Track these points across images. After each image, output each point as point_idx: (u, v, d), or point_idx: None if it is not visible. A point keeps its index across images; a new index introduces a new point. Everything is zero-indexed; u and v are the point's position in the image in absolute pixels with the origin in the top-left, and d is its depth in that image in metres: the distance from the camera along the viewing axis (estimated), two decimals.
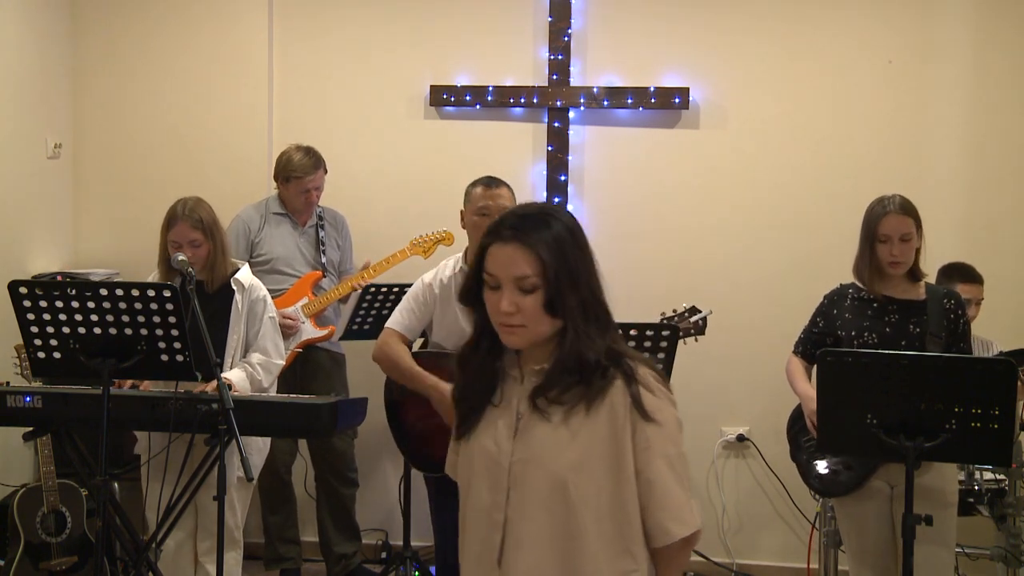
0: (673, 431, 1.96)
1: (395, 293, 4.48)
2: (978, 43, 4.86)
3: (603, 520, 1.92)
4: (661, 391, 1.97)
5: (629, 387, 1.93)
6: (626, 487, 1.92)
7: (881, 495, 3.35)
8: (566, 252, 1.93)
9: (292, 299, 4.55)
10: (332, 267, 4.74)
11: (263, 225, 4.66)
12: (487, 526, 1.98)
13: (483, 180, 3.58)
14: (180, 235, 3.61)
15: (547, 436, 1.94)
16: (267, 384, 3.70)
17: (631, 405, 1.92)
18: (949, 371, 2.89)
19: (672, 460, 1.94)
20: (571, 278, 1.93)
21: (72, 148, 5.28)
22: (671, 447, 1.95)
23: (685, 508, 1.95)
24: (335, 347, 4.73)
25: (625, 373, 1.95)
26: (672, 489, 1.94)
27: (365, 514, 4.98)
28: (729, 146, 5.03)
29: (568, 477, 1.92)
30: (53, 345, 3.22)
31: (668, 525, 1.94)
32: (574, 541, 1.92)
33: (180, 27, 5.23)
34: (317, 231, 4.73)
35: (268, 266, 4.62)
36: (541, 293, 1.92)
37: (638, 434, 1.92)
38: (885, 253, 3.36)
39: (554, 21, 5.02)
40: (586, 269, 1.96)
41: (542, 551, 1.93)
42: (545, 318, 1.93)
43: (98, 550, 3.25)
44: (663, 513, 1.94)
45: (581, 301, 1.94)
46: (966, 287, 4.21)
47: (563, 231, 1.95)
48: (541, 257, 1.91)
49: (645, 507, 1.94)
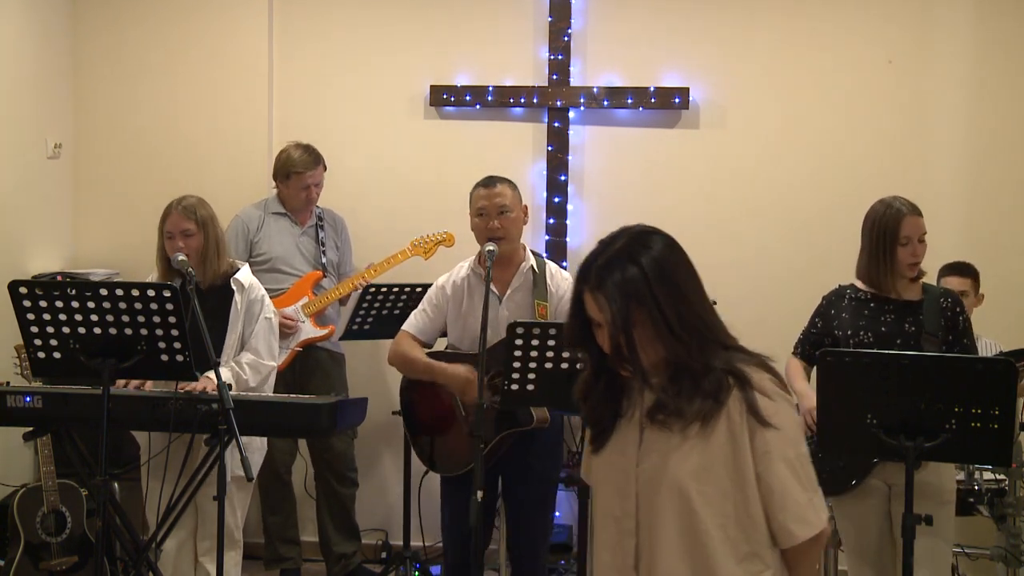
0: (792, 433, 2.01)
1: (395, 293, 4.48)
2: (978, 43, 4.86)
3: (728, 525, 1.98)
4: (778, 394, 2.02)
5: (744, 393, 1.98)
6: (749, 492, 1.98)
7: (879, 494, 3.35)
8: (638, 292, 1.97)
9: (293, 298, 4.56)
10: (332, 267, 4.74)
11: (262, 225, 4.67)
12: (619, 532, 2.06)
13: (482, 181, 3.59)
14: (174, 224, 3.63)
15: (668, 446, 2.00)
16: (254, 384, 3.67)
17: (747, 411, 1.98)
18: (949, 371, 2.89)
19: (792, 462, 1.99)
20: (650, 308, 1.97)
21: (72, 148, 5.28)
22: (790, 449, 1.99)
23: (808, 508, 1.99)
24: (335, 347, 4.73)
25: (739, 380, 1.99)
26: (792, 491, 1.98)
27: (365, 514, 4.97)
28: (729, 146, 5.02)
29: (690, 485, 1.98)
30: (53, 345, 3.22)
31: (791, 526, 1.98)
32: (702, 546, 1.98)
33: (180, 27, 5.23)
34: (317, 231, 4.73)
35: (267, 265, 4.62)
36: (622, 334, 1.97)
37: (756, 439, 1.98)
38: (907, 256, 3.35)
39: (554, 21, 5.02)
40: (671, 293, 1.99)
41: (675, 556, 1.99)
42: (650, 346, 1.98)
43: (98, 550, 3.25)
44: (784, 515, 1.98)
45: (667, 323, 1.97)
46: (955, 279, 4.24)
47: (636, 273, 1.98)
48: (609, 304, 1.97)
49: (768, 510, 1.99)
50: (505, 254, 3.53)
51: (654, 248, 2.03)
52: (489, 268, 3.43)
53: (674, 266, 2.04)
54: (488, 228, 3.50)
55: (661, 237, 2.08)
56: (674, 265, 2.04)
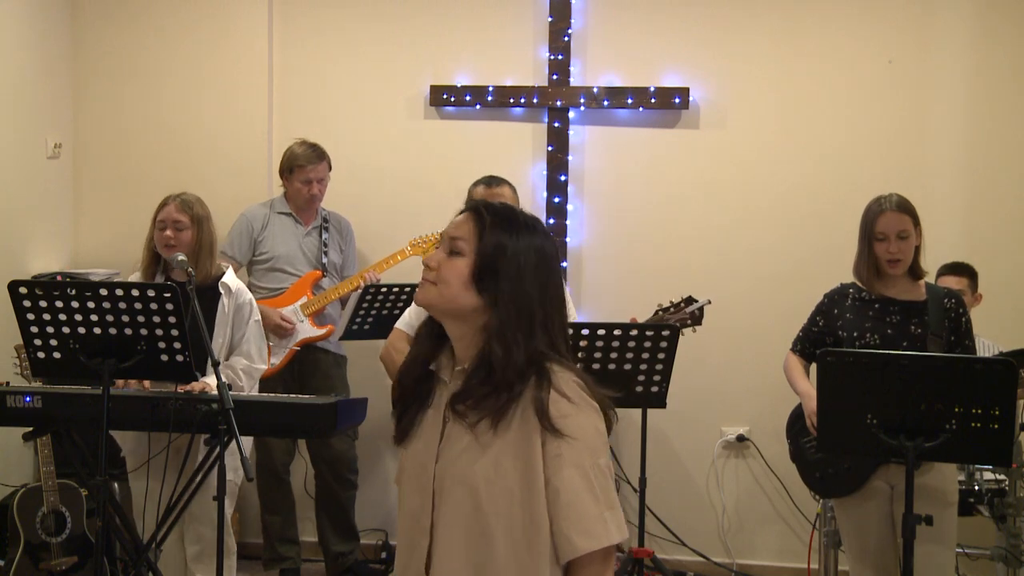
0: (591, 442, 1.86)
1: (395, 293, 4.48)
2: (978, 43, 4.86)
3: (514, 530, 1.84)
4: (581, 398, 1.87)
5: (539, 394, 1.85)
6: (537, 498, 1.83)
7: (881, 495, 3.35)
8: (518, 246, 1.89)
9: (291, 298, 4.56)
10: (333, 269, 4.75)
11: (267, 224, 4.68)
12: (416, 532, 1.93)
13: (484, 180, 3.58)
14: (167, 215, 3.66)
15: (464, 442, 1.88)
16: (248, 389, 3.71)
17: (535, 413, 1.84)
18: (949, 371, 2.89)
19: (586, 471, 1.84)
20: (510, 266, 1.88)
21: (72, 148, 5.28)
22: (586, 457, 1.84)
23: (595, 520, 1.83)
24: (337, 348, 4.73)
25: (539, 375, 1.86)
26: (581, 499, 1.83)
27: (365, 514, 4.98)
28: (729, 146, 5.02)
29: (480, 486, 1.85)
30: (53, 345, 3.22)
31: (572, 536, 1.82)
32: (488, 551, 1.85)
33: (180, 27, 5.23)
34: (320, 232, 4.73)
35: (269, 264, 4.63)
36: (469, 261, 1.89)
37: (548, 443, 1.84)
38: (882, 251, 3.36)
39: (554, 21, 5.02)
40: (536, 276, 1.89)
41: (460, 560, 1.87)
42: (464, 287, 1.89)
43: (98, 550, 3.25)
44: (567, 523, 1.83)
45: (513, 293, 1.87)
46: (952, 279, 4.26)
47: (534, 238, 1.91)
48: (483, 229, 1.89)
49: (552, 517, 1.83)
50: None
51: (546, 238, 1.95)
52: None
53: (554, 263, 1.94)
54: None
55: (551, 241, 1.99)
56: (554, 262, 1.94)
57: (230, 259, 4.58)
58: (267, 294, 4.62)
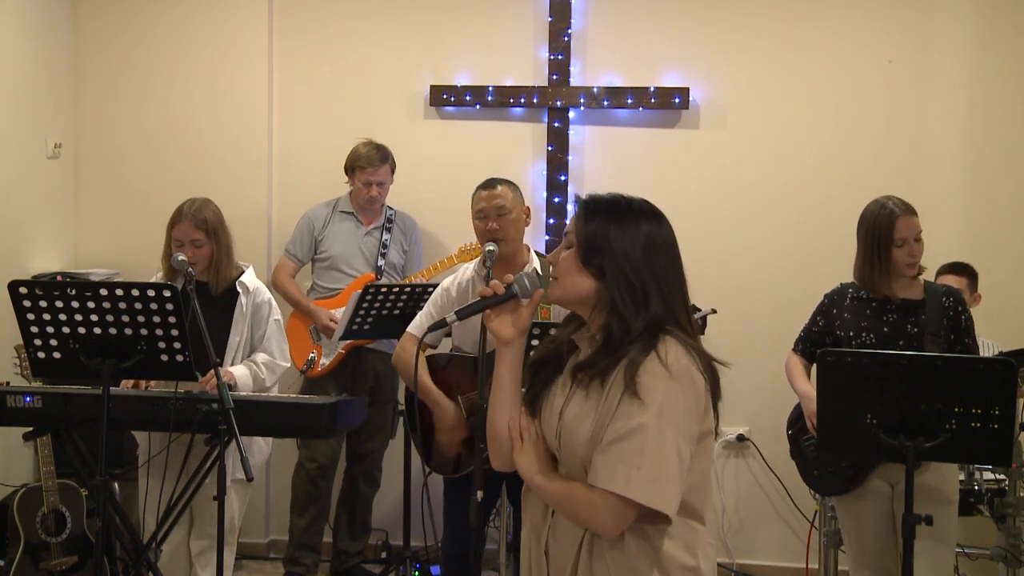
0: (664, 410, 1.87)
1: (395, 293, 4.47)
2: (978, 43, 4.87)
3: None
4: (683, 371, 1.90)
5: (637, 355, 1.91)
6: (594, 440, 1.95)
7: (881, 494, 3.35)
8: (621, 225, 2.01)
9: (344, 300, 4.56)
10: (392, 270, 4.76)
11: (328, 223, 4.73)
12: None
13: (483, 183, 3.59)
14: (183, 233, 3.65)
15: (577, 408, 1.98)
16: (270, 384, 3.74)
17: (624, 369, 1.91)
18: (949, 371, 2.89)
19: (645, 431, 1.85)
20: (613, 244, 1.98)
21: (72, 148, 5.28)
22: (651, 421, 1.86)
23: (621, 468, 1.85)
24: (389, 348, 4.67)
25: (648, 344, 1.92)
26: (621, 447, 1.86)
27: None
28: (729, 146, 5.03)
29: (583, 454, 1.94)
30: (53, 345, 3.22)
31: (598, 466, 1.88)
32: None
33: (180, 27, 5.23)
34: (382, 232, 4.74)
35: (328, 263, 4.70)
36: (576, 248, 2.02)
37: (623, 403, 1.89)
38: (904, 256, 3.35)
39: (554, 21, 5.02)
40: (646, 252, 1.99)
41: (575, 529, 1.97)
42: (577, 272, 2.00)
43: (98, 550, 3.25)
44: (600, 455, 1.89)
45: (619, 267, 1.97)
46: (951, 279, 4.25)
47: (639, 217, 2.04)
48: (585, 218, 2.03)
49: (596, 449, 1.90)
50: (506, 255, 3.52)
51: (650, 221, 2.08)
52: (489, 268, 3.43)
53: (663, 242, 2.05)
54: (486, 229, 3.50)
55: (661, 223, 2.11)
56: (663, 241, 2.05)
57: (292, 257, 4.68)
58: (325, 293, 4.69)
